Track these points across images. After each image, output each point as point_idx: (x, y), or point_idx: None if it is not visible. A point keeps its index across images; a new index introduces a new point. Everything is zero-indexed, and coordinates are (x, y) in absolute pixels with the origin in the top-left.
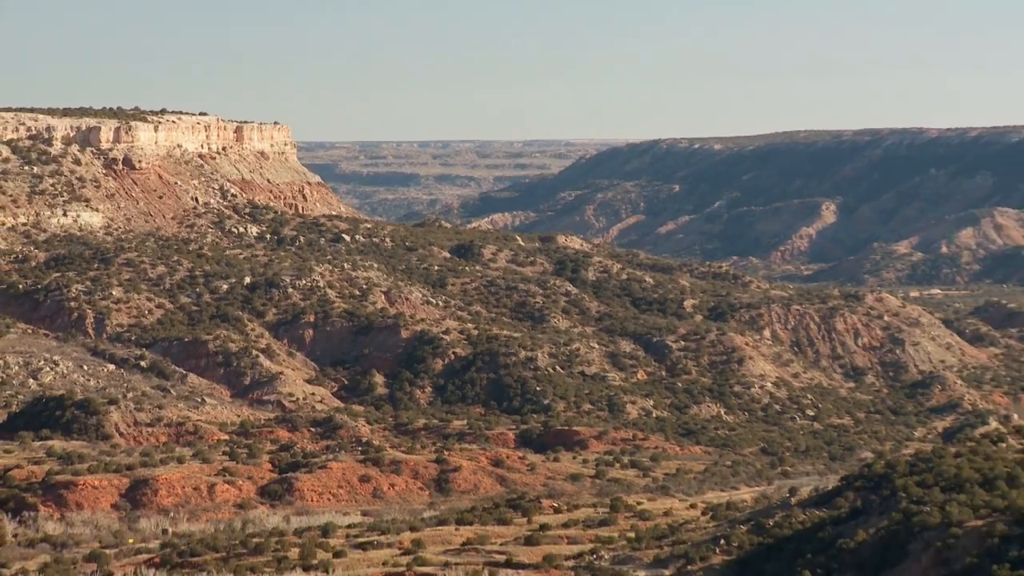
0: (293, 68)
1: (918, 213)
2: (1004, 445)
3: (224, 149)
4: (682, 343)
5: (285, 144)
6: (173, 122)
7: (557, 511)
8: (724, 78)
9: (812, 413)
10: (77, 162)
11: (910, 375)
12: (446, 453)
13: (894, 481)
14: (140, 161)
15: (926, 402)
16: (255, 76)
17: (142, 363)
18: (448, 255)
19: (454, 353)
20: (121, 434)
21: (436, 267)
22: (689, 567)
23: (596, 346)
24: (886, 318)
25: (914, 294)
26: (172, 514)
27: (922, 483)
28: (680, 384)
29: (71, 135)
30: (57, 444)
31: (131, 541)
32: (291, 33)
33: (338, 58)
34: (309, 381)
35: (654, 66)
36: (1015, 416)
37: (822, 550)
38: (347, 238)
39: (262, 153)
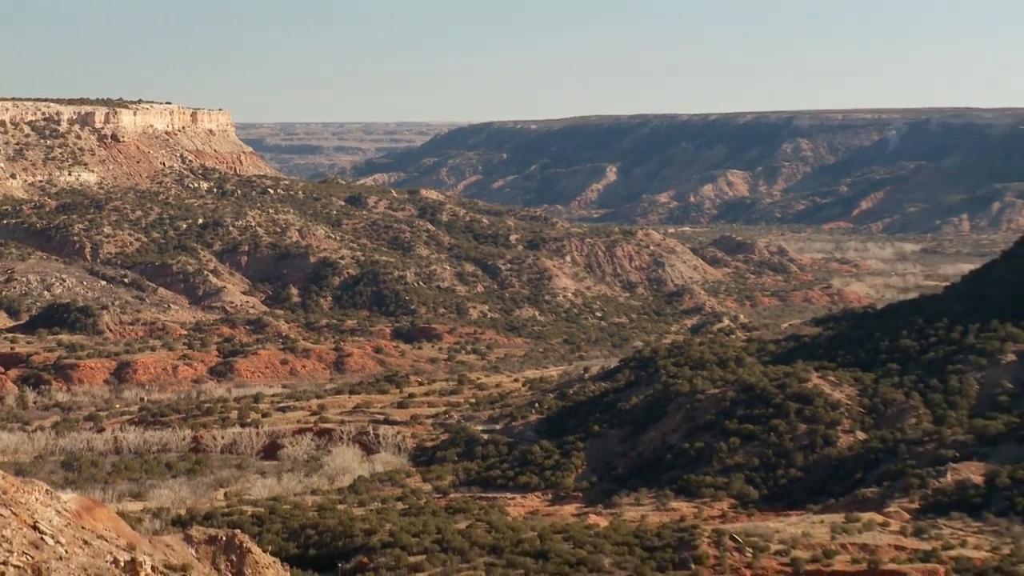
0: (233, 67)
1: (673, 173)
2: (733, 336)
3: (183, 128)
4: (508, 265)
5: (227, 124)
6: (147, 108)
7: (420, 384)
8: (539, 77)
9: (600, 314)
10: (78, 137)
11: (668, 287)
12: (342, 343)
13: (657, 362)
14: (123, 136)
15: (679, 306)
16: (206, 72)
17: (125, 280)
18: (343, 203)
19: (347, 273)
20: (110, 330)
21: (334, 212)
22: (513, 423)
23: (448, 268)
24: (651, 247)
25: (671, 231)
26: (147, 387)
27: (676, 363)
28: (507, 294)
29: (74, 117)
30: (64, 337)
31: (118, 406)
32: (232, 41)
33: (266, 61)
34: (244, 293)
35: (488, 68)
36: (741, 316)
37: (606, 410)
38: (271, 191)
39: (210, 131)
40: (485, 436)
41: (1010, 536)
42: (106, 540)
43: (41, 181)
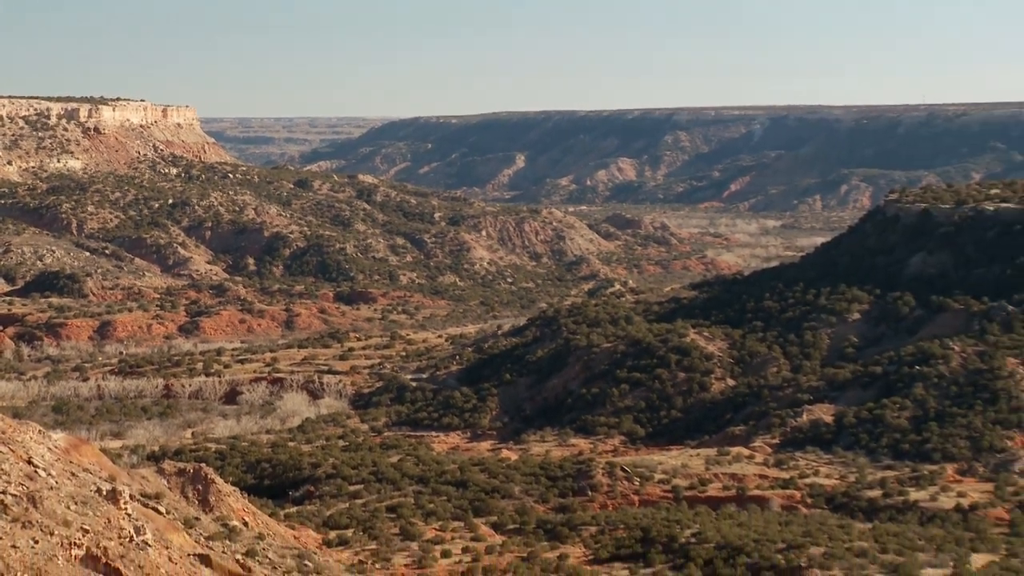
0: (199, 69)
1: (573, 161)
2: (623, 299)
3: (155, 122)
4: (433, 239)
5: (192, 119)
6: (124, 105)
7: (359, 340)
8: (460, 77)
9: (510, 280)
10: (65, 129)
11: (568, 257)
12: (291, 305)
13: (559, 320)
14: (104, 129)
15: (577, 273)
16: (176, 73)
17: (106, 251)
18: (292, 186)
19: (296, 245)
20: (93, 294)
21: (285, 193)
22: (437, 373)
23: (381, 241)
24: (554, 224)
25: (571, 209)
26: (125, 342)
27: (575, 321)
28: (432, 263)
29: (61, 113)
30: (54, 300)
31: (100, 359)
32: (198, 46)
33: (227, 64)
34: (208, 262)
35: (417, 70)
36: (630, 282)
37: (516, 361)
38: (231, 176)
39: (178, 124)
40: (413, 384)
41: (855, 466)
42: (90, 473)
43: (33, 167)
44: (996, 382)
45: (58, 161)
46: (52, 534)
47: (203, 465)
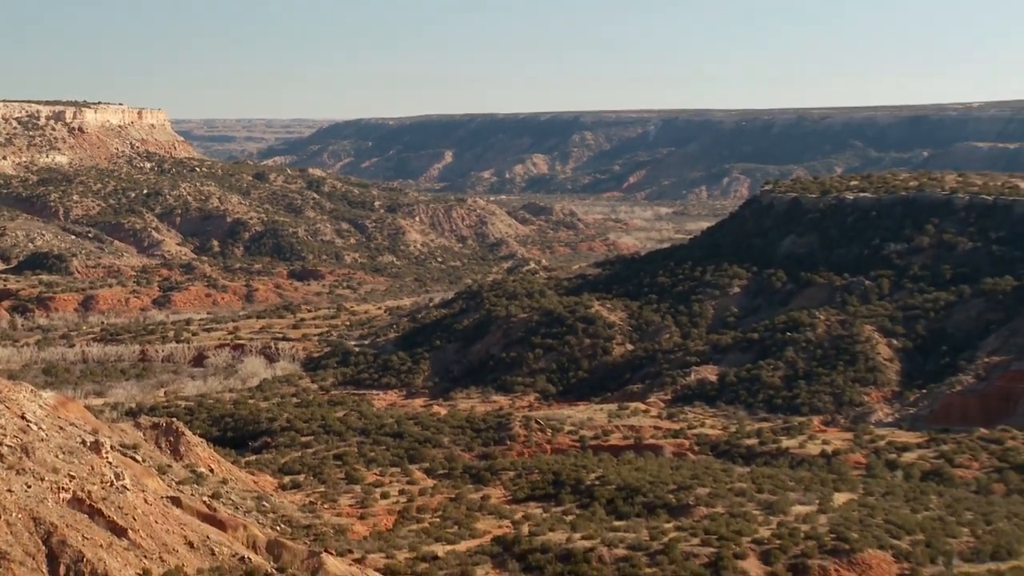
0: (170, 76)
1: (493, 157)
2: (537, 275)
3: (132, 122)
4: (373, 224)
5: (164, 120)
6: (104, 108)
7: (309, 311)
8: (396, 83)
9: (440, 260)
10: (53, 129)
11: (490, 240)
12: (251, 281)
13: (482, 294)
14: (87, 129)
15: (498, 254)
16: (150, 79)
17: (89, 235)
18: (251, 178)
19: (254, 229)
20: (78, 272)
21: (244, 184)
22: (377, 339)
23: (328, 226)
24: (477, 211)
25: (492, 199)
26: (106, 314)
27: (496, 295)
28: (372, 245)
29: (50, 114)
30: (44, 277)
31: (84, 328)
32: (169, 56)
33: (194, 71)
34: (178, 244)
35: (359, 77)
36: (543, 261)
37: (445, 330)
38: (197, 169)
39: (152, 125)
40: (356, 349)
41: (735, 419)
42: (76, 426)
43: (25, 162)
44: (855, 346)
45: (47, 156)
46: (43, 480)
47: (174, 419)
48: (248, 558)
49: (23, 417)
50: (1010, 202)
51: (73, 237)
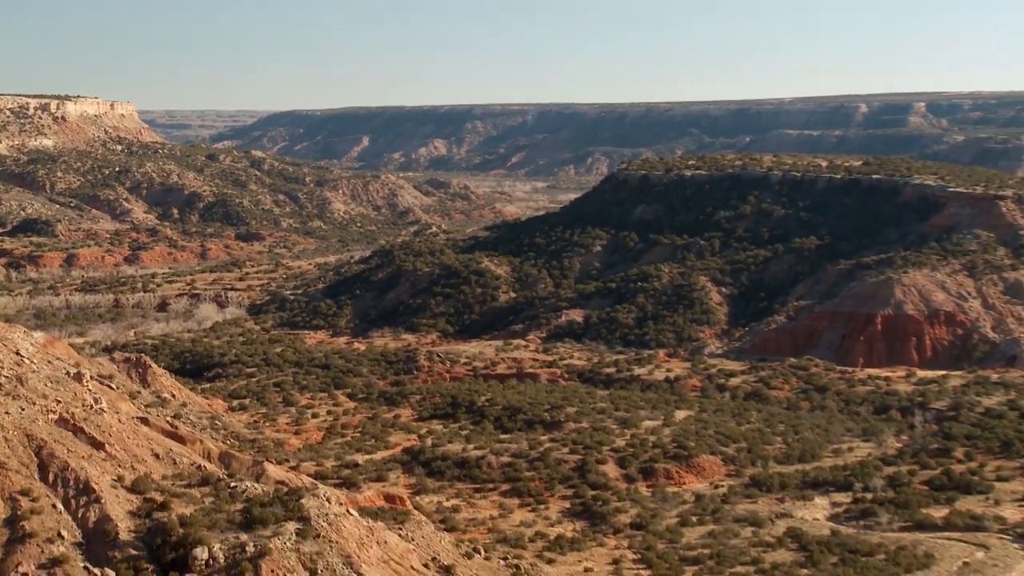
0: (137, 73)
1: (402, 142)
2: (438, 237)
3: (105, 112)
4: (305, 195)
5: (132, 111)
6: (83, 100)
7: (253, 267)
8: (320, 79)
9: (360, 225)
10: (40, 118)
11: (399, 209)
12: (204, 243)
13: (394, 253)
14: (68, 118)
15: (406, 220)
16: (121, 76)
17: (71, 204)
18: (204, 158)
19: (207, 200)
20: (62, 235)
21: (199, 163)
22: (308, 289)
23: (268, 197)
24: (389, 185)
25: (401, 175)
26: (86, 269)
27: (405, 253)
28: (304, 212)
29: (37, 106)
30: (34, 239)
31: (67, 280)
32: (136, 57)
33: (155, 70)
34: (145, 212)
35: (291, 73)
36: (442, 225)
37: (364, 281)
38: (160, 151)
39: (122, 114)
40: (291, 297)
41: (597, 352)
42: (62, 360)
43: (17, 145)
44: (692, 293)
45: (35, 140)
46: (34, 404)
47: (142, 355)
48: (204, 466)
49: (17, 353)
50: (814, 178)
51: (58, 206)
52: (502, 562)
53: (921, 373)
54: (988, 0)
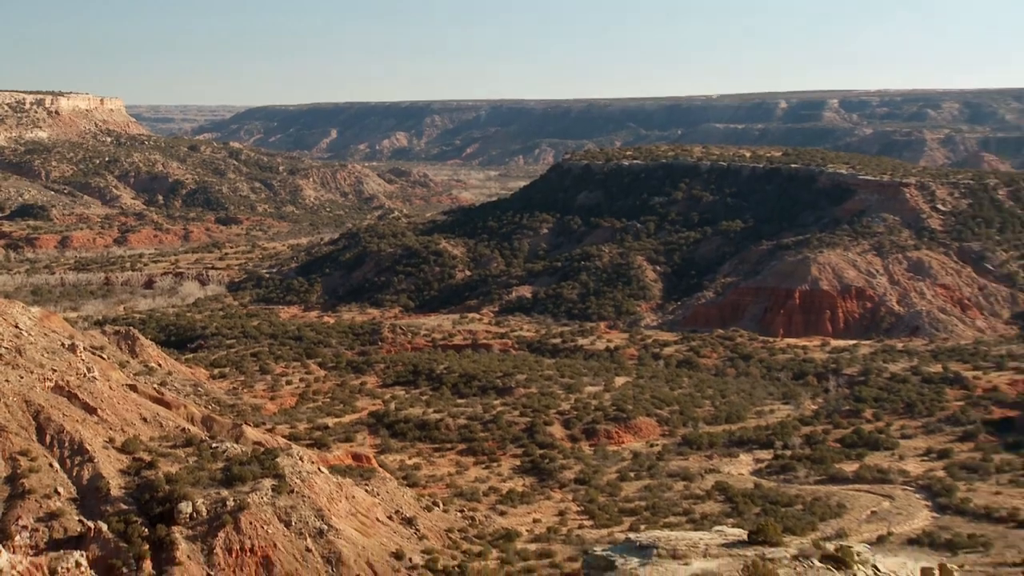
0: (126, 71)
1: (367, 134)
2: (400, 221)
3: (96, 107)
4: (278, 183)
5: (120, 106)
6: (75, 96)
7: (232, 248)
8: (294, 77)
9: (329, 210)
10: (36, 112)
11: (365, 195)
12: (187, 226)
13: (360, 235)
14: (62, 112)
15: (371, 205)
16: (110, 73)
17: (65, 191)
18: (187, 149)
19: (190, 187)
20: (57, 219)
21: (182, 153)
22: (283, 268)
23: (245, 184)
24: (356, 174)
25: (366, 165)
26: (79, 250)
27: (370, 235)
28: (278, 198)
29: (33, 101)
30: (31, 223)
31: (62, 260)
32: (124, 55)
33: (142, 68)
34: (133, 199)
35: (265, 73)
36: (404, 210)
37: (333, 261)
38: (146, 143)
39: (111, 109)
40: (267, 275)
41: (545, 325)
42: (57, 333)
43: (15, 136)
44: (630, 271)
45: (31, 132)
46: (32, 372)
47: (131, 328)
48: (188, 429)
49: (16, 326)
50: (739, 167)
51: (52, 193)
52: (459, 514)
53: (835, 342)
54: (892, 8)
